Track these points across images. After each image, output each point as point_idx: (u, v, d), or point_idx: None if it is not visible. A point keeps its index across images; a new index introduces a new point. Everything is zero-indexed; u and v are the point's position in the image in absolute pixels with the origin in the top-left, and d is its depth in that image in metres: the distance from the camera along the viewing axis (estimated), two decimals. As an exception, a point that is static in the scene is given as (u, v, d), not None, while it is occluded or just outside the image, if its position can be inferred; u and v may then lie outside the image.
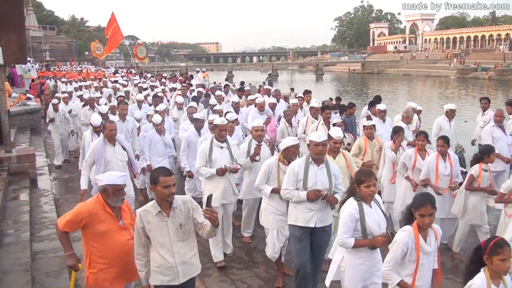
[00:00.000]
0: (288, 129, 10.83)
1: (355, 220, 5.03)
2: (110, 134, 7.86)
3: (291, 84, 56.90)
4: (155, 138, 10.48)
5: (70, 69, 52.10)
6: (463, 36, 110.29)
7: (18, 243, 7.27)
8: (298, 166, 6.11)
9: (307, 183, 6.00)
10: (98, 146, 7.86)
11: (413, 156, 8.39)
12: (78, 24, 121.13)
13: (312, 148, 6.04)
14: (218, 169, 7.39)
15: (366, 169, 5.63)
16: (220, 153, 7.55)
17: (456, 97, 47.91)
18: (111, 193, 4.99)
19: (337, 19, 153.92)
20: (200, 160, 7.53)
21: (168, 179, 4.53)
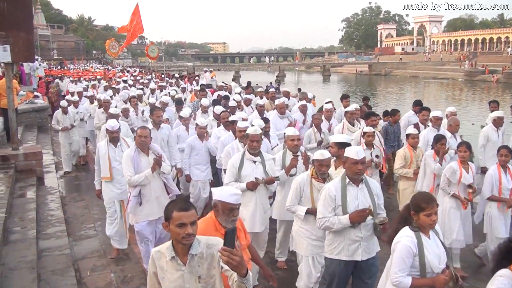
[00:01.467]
0: (316, 135, 9.98)
1: (412, 255, 4.25)
2: (142, 142, 6.83)
3: (298, 85, 56.78)
4: (197, 144, 9.37)
5: (75, 67, 52.28)
6: (471, 38, 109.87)
7: (24, 240, 7.29)
8: (335, 189, 5.25)
9: (347, 208, 5.18)
10: (132, 157, 6.85)
11: (458, 169, 7.38)
12: (86, 23, 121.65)
13: (349, 166, 5.21)
14: (248, 183, 6.36)
15: (427, 194, 4.58)
16: (252, 168, 6.49)
17: (463, 99, 47.76)
18: (220, 211, 4.35)
19: (345, 20, 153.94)
20: (229, 175, 6.52)
21: (184, 215, 3.40)
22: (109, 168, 7.72)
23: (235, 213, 4.34)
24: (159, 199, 6.91)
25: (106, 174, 7.74)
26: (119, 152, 7.72)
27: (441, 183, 7.53)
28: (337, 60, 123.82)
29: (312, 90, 37.74)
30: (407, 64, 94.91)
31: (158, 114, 9.54)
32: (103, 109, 12.55)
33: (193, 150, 9.32)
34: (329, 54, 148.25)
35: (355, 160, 5.12)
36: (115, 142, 7.83)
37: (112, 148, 7.79)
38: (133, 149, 6.93)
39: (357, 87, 67.85)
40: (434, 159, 8.03)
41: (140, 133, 6.84)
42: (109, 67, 52.76)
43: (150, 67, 21.61)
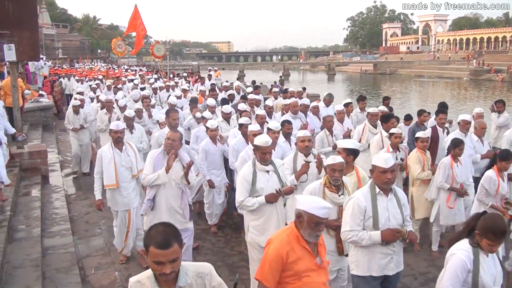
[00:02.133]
0: (329, 138, 9.51)
1: (466, 271, 3.98)
2: (169, 145, 6.32)
3: (303, 84, 56.80)
4: (211, 148, 8.78)
5: (81, 66, 52.37)
6: (476, 37, 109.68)
7: (29, 238, 7.32)
8: (364, 199, 4.82)
9: (378, 220, 4.78)
10: (156, 157, 6.44)
11: (496, 179, 6.93)
12: (91, 22, 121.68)
13: (378, 175, 4.84)
14: (269, 196, 5.70)
15: (502, 225, 4.01)
16: (267, 179, 5.86)
17: (468, 98, 47.64)
18: (305, 223, 3.92)
19: (350, 19, 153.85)
20: (242, 190, 5.77)
21: (161, 254, 2.87)
22: (115, 174, 7.15)
23: (320, 228, 3.96)
24: (171, 210, 6.46)
25: (112, 182, 7.18)
26: (125, 156, 7.27)
27: (478, 194, 7.05)
28: (342, 59, 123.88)
29: (317, 90, 37.84)
30: (412, 63, 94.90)
31: (175, 116, 8.74)
32: (106, 110, 11.93)
33: (207, 155, 8.75)
34: (334, 53, 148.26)
35: (383, 169, 4.77)
36: (120, 146, 7.29)
37: (117, 152, 7.25)
38: (159, 150, 6.52)
39: (362, 87, 67.81)
40: (451, 166, 7.62)
41: (170, 135, 6.35)
42: (114, 66, 52.86)
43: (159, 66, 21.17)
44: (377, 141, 8.93)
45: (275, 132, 7.87)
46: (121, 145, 7.32)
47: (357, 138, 9.62)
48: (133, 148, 7.52)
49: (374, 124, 9.68)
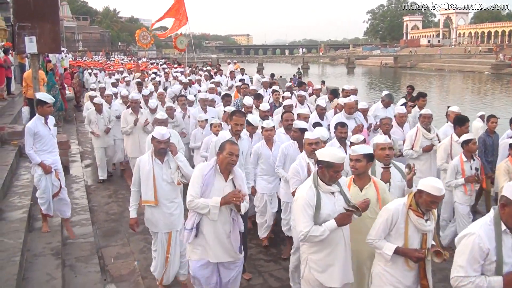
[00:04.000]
0: None
1: None
2: (232, 162, 5.13)
3: (322, 77, 56.59)
4: (264, 152, 7.70)
5: (102, 59, 52.65)
6: (497, 30, 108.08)
7: (49, 227, 7.42)
8: (487, 238, 3.81)
9: (503, 265, 3.83)
10: (206, 175, 5.16)
11: None
12: (111, 14, 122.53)
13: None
14: (339, 217, 4.61)
15: None
16: (333, 202, 4.72)
17: (489, 92, 47.09)
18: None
19: (370, 11, 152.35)
20: (305, 219, 4.60)
21: None
22: (153, 190, 6.09)
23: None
24: (220, 239, 5.21)
25: (150, 198, 6.12)
26: (166, 169, 6.13)
27: None
28: (361, 52, 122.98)
29: (336, 83, 37.66)
30: (432, 57, 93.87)
31: (239, 120, 7.27)
32: (132, 110, 10.58)
33: (260, 158, 7.75)
34: (353, 46, 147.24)
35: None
36: (161, 156, 6.16)
37: (157, 164, 6.12)
38: (210, 165, 5.22)
39: (382, 80, 67.35)
40: None
41: (232, 149, 5.09)
42: (134, 59, 53.10)
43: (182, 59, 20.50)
44: (444, 147, 7.96)
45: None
46: (163, 156, 6.19)
47: (409, 144, 8.58)
48: (179, 158, 6.30)
49: (428, 128, 8.59)
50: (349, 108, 9.28)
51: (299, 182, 5.74)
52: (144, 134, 10.16)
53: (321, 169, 4.70)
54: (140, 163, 6.21)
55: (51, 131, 7.57)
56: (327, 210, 4.65)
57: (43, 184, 7.37)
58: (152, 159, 6.16)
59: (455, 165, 7.35)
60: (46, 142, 7.47)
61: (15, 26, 10.12)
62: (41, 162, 7.31)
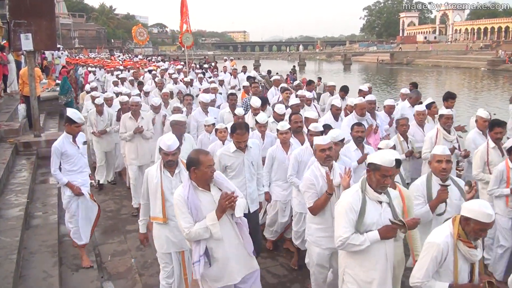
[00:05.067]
0: (403, 145, 8.21)
1: None
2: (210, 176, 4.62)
3: (318, 74, 56.51)
4: (280, 156, 7.16)
5: (99, 56, 52.53)
6: (494, 26, 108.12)
7: (46, 225, 7.41)
8: None
9: None
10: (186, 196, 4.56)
11: None
12: (106, 11, 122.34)
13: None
14: (383, 229, 4.26)
15: None
16: (379, 212, 4.36)
17: (485, 89, 47.16)
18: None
19: (366, 8, 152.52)
20: (346, 223, 4.25)
21: None
22: (162, 206, 5.49)
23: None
24: (237, 252, 4.67)
25: (158, 215, 5.52)
26: (176, 182, 5.44)
27: None
28: (358, 49, 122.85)
29: (333, 80, 37.62)
30: (428, 53, 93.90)
31: (241, 138, 6.32)
32: (131, 114, 9.55)
33: (275, 163, 7.25)
34: (350, 43, 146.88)
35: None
36: (171, 168, 5.53)
37: (167, 177, 5.50)
38: (185, 185, 4.62)
39: (379, 77, 67.35)
40: None
41: (209, 161, 4.56)
42: (131, 56, 52.95)
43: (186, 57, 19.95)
44: (481, 154, 7.17)
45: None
46: (173, 167, 5.56)
47: (429, 147, 7.82)
48: None
49: (448, 129, 8.05)
50: (360, 109, 8.75)
51: (315, 195, 5.34)
52: (143, 141, 9.41)
53: (368, 172, 4.33)
54: (148, 176, 5.61)
55: (80, 149, 6.97)
56: (371, 218, 4.28)
57: (73, 207, 6.88)
58: (160, 171, 5.51)
59: (500, 171, 6.58)
60: (75, 161, 6.90)
61: (11, 24, 10.11)
62: (68, 182, 6.77)
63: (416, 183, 5.49)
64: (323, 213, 5.39)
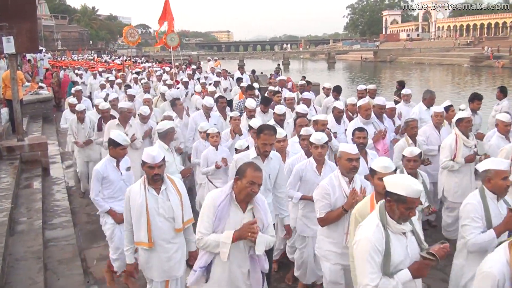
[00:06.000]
0: None
1: None
2: (249, 192, 4.11)
3: (303, 73, 56.63)
4: (309, 172, 5.93)
5: (83, 58, 52.19)
6: (476, 23, 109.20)
7: (30, 231, 7.34)
8: None
9: None
10: (219, 205, 4.15)
11: None
12: (89, 12, 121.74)
13: None
14: (414, 266, 3.71)
15: None
16: (405, 245, 3.73)
17: (469, 85, 47.52)
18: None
19: (349, 6, 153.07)
20: (372, 266, 3.62)
21: None
22: (147, 229, 4.88)
23: None
24: (240, 284, 4.27)
25: (143, 239, 4.90)
26: (163, 201, 4.92)
27: None
28: (341, 47, 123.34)
29: (318, 78, 37.71)
30: (412, 51, 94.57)
31: (269, 140, 5.46)
32: (119, 121, 8.82)
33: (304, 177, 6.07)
34: (333, 41, 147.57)
35: None
36: (157, 184, 4.95)
37: (152, 195, 4.92)
38: (225, 192, 4.20)
39: (362, 74, 67.64)
40: None
41: (254, 177, 4.07)
42: (113, 57, 52.67)
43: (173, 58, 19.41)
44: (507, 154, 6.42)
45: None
46: (159, 183, 4.97)
47: (448, 154, 7.35)
48: (177, 186, 5.10)
49: (467, 134, 7.39)
50: (365, 111, 8.17)
51: (328, 206, 4.94)
52: (131, 151, 8.24)
53: (389, 202, 3.69)
54: (130, 194, 4.97)
55: (123, 176, 6.30)
56: (399, 256, 3.67)
57: (116, 237, 6.17)
58: (145, 189, 4.92)
59: None
60: (116, 188, 6.23)
61: (-8, 27, 9.99)
62: (110, 210, 6.17)
63: (473, 202, 4.61)
64: (335, 227, 5.02)
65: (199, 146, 8.37)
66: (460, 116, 7.41)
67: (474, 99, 9.58)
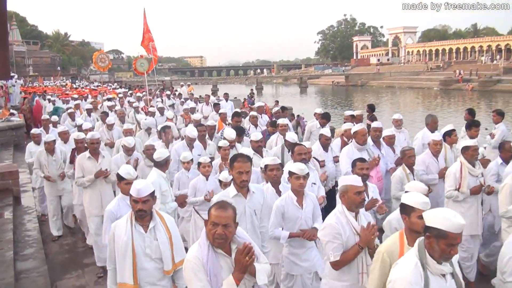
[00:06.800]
0: (410, 178, 7.20)
1: None
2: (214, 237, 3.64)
3: (276, 97, 57.06)
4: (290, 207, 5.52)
5: (54, 83, 51.80)
6: (445, 48, 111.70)
7: (2, 262, 7.17)
8: None
9: None
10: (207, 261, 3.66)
11: None
12: (61, 38, 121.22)
13: None
14: None
15: None
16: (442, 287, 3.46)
17: (439, 107, 48.35)
18: None
19: (321, 32, 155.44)
20: None
21: None
22: (132, 270, 4.49)
23: None
24: None
25: (128, 280, 4.50)
26: (151, 240, 4.54)
27: None
28: (313, 72, 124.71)
29: (291, 103, 38.01)
30: (382, 75, 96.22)
31: (243, 167, 5.00)
32: (90, 153, 8.17)
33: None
34: (305, 66, 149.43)
35: None
36: (144, 221, 4.55)
37: (139, 233, 4.53)
38: (204, 245, 3.70)
39: (334, 98, 68.39)
40: None
41: (217, 218, 3.64)
42: (85, 83, 52.37)
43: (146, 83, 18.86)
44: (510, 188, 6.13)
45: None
46: (147, 220, 4.56)
47: (453, 184, 6.91)
48: (167, 223, 4.66)
49: (473, 162, 6.94)
50: (362, 136, 7.84)
51: (342, 247, 4.49)
52: (106, 185, 8.09)
53: (428, 239, 3.39)
54: (115, 231, 4.58)
55: None
56: None
57: None
58: (131, 225, 4.50)
59: None
60: None
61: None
62: None
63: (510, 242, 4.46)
64: (348, 268, 4.58)
65: (182, 177, 7.89)
66: (466, 144, 6.96)
67: (472, 126, 9.05)
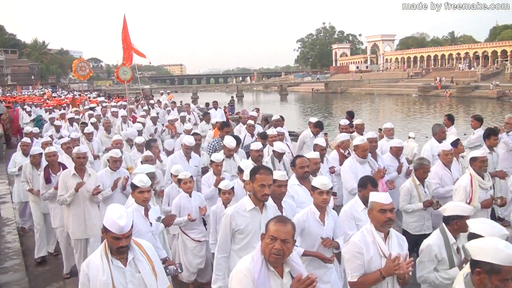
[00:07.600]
0: (419, 190, 6.76)
1: None
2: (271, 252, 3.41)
3: (256, 105, 57.14)
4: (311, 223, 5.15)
5: (33, 92, 51.37)
6: (423, 55, 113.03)
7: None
8: None
9: None
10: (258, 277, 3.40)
11: None
12: (39, 47, 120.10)
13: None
14: None
15: None
16: None
17: (418, 114, 48.82)
18: None
19: (300, 40, 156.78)
20: None
21: None
22: None
23: None
24: None
25: None
26: (132, 274, 3.97)
27: None
28: (293, 79, 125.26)
29: (271, 110, 38.12)
30: (361, 82, 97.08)
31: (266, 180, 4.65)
32: (75, 169, 7.35)
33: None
34: (285, 74, 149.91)
35: None
36: (123, 256, 3.97)
37: (118, 268, 3.93)
38: (257, 259, 3.45)
39: (314, 105, 68.72)
40: None
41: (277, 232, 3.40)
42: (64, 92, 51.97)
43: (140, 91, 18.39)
44: None
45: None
46: (125, 254, 3.97)
47: (464, 197, 6.38)
48: (146, 251, 4.13)
49: (482, 174, 6.51)
50: (363, 151, 7.42)
51: (361, 268, 4.18)
52: (92, 205, 7.45)
53: (478, 275, 2.98)
54: (88, 271, 3.88)
55: (152, 227, 5.43)
56: None
57: None
58: (108, 261, 3.88)
59: None
60: None
61: None
62: None
63: None
64: None
65: (172, 192, 7.41)
66: (474, 155, 6.56)
67: (490, 135, 8.46)
